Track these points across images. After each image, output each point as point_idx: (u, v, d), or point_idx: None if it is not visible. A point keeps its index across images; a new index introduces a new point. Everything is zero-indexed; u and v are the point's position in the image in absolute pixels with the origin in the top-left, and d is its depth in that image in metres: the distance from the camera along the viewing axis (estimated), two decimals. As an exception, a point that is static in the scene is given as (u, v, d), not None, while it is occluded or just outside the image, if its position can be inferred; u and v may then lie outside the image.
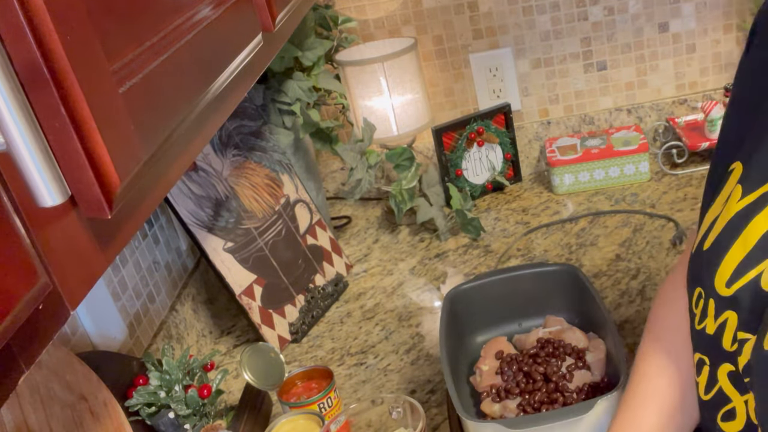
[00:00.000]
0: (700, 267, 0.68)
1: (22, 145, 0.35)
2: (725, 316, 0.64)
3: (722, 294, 0.64)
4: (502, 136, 1.67)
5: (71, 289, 0.42)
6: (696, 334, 0.69)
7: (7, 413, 0.73)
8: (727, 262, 0.64)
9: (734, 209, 0.65)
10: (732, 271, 0.63)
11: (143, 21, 0.50)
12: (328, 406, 1.04)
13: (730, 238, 0.65)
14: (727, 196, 0.67)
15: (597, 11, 1.65)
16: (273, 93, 1.43)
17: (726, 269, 0.64)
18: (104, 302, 1.08)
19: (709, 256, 0.66)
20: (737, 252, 0.63)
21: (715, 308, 0.65)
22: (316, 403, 1.04)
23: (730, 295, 0.63)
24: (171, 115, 0.52)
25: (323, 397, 1.04)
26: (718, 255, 0.65)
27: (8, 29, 0.37)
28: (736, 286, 0.63)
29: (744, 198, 0.65)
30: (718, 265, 0.65)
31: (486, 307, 1.11)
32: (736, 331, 0.63)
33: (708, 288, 0.66)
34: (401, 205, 1.54)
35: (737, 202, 0.65)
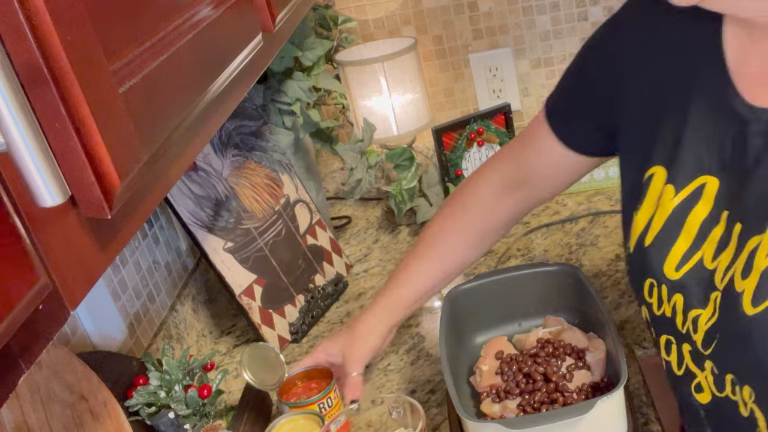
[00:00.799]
0: (645, 262, 0.77)
1: (22, 145, 0.35)
2: (674, 299, 0.74)
3: (672, 279, 0.74)
4: (502, 136, 1.67)
5: (71, 289, 0.42)
6: (657, 320, 0.78)
7: (7, 413, 0.73)
8: (674, 251, 0.73)
9: (670, 206, 0.74)
10: (679, 258, 0.73)
11: (143, 21, 0.50)
12: (328, 406, 1.04)
13: (673, 230, 0.74)
14: (657, 197, 0.76)
15: (597, 11, 1.65)
16: (273, 93, 1.43)
17: (674, 257, 0.73)
18: (104, 302, 1.08)
19: (654, 250, 0.75)
20: (682, 242, 0.73)
21: (667, 293, 0.75)
22: (315, 404, 1.03)
23: (678, 279, 0.73)
24: (171, 115, 0.52)
25: (323, 397, 1.03)
26: (663, 248, 0.74)
27: (8, 29, 0.37)
28: (683, 270, 0.72)
29: (678, 194, 0.74)
30: (665, 256, 0.74)
31: (486, 307, 1.11)
32: (684, 313, 0.73)
33: (659, 276, 0.75)
34: (401, 205, 1.54)
35: (671, 199, 0.74)
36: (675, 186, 0.74)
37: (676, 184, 0.74)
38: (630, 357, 1.12)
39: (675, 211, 0.74)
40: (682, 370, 0.77)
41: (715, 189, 0.71)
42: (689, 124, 0.73)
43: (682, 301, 0.73)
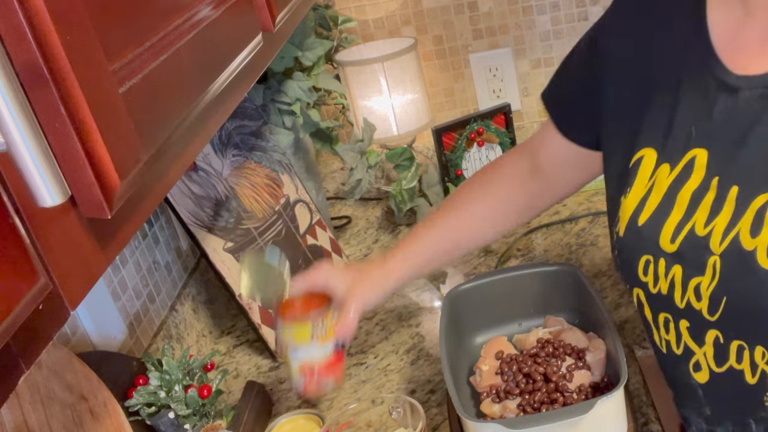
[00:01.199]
0: (639, 240, 0.78)
1: (22, 145, 0.35)
2: (673, 271, 0.75)
3: (669, 251, 0.75)
4: (502, 136, 1.67)
5: (71, 289, 0.42)
6: (654, 298, 0.79)
7: (7, 413, 0.73)
8: (668, 224, 0.75)
9: (666, 183, 0.77)
10: (673, 229, 0.75)
11: (143, 21, 0.50)
12: (321, 330, 0.95)
13: (667, 206, 0.76)
14: (649, 177, 0.78)
15: (597, 11, 1.64)
16: (273, 93, 1.43)
17: (668, 230, 0.75)
18: (104, 302, 1.08)
19: (649, 227, 0.77)
20: (676, 215, 0.75)
21: (665, 267, 0.76)
22: (310, 323, 0.95)
23: (675, 250, 0.75)
24: (171, 115, 0.52)
25: (319, 317, 0.96)
26: (658, 223, 0.76)
27: (8, 29, 0.37)
28: (678, 239, 0.74)
29: (673, 171, 0.76)
30: (660, 229, 0.76)
31: (486, 307, 1.11)
32: (684, 284, 0.74)
33: (655, 250, 0.77)
34: (401, 205, 1.54)
35: (667, 177, 0.77)
36: (670, 164, 0.77)
37: (671, 161, 0.77)
38: (630, 357, 1.12)
39: (669, 187, 0.76)
40: (681, 349, 0.79)
41: (704, 159, 0.74)
42: (680, 103, 0.77)
43: (681, 272, 0.75)
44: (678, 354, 0.80)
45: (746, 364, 0.73)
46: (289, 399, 1.19)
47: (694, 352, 0.78)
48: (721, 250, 0.71)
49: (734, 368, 0.74)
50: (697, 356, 0.77)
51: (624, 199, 0.81)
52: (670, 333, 0.80)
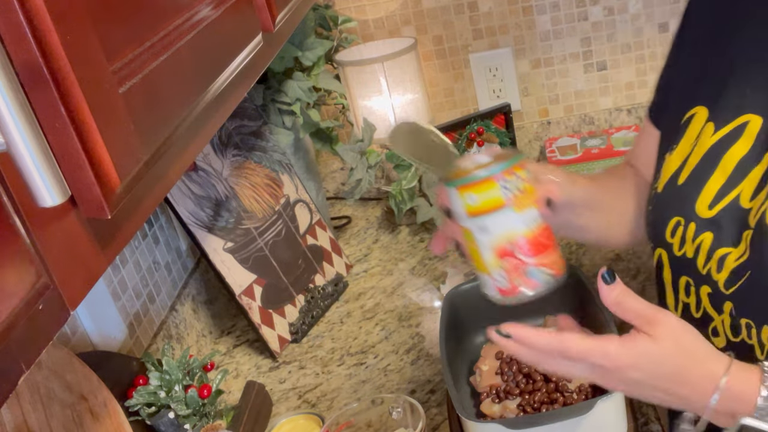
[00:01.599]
0: (676, 199, 0.76)
1: (22, 145, 0.35)
2: (702, 237, 0.74)
3: (703, 216, 0.73)
4: (502, 136, 1.67)
5: (71, 289, 0.42)
6: (677, 260, 0.78)
7: (7, 413, 0.73)
8: (708, 188, 0.73)
9: (708, 143, 0.74)
10: (714, 195, 0.72)
11: (143, 21, 0.50)
12: (515, 188, 0.66)
13: (708, 168, 0.74)
14: (695, 136, 0.76)
15: (597, 11, 1.65)
16: (273, 93, 1.43)
17: (707, 194, 0.73)
18: (104, 302, 1.08)
19: (687, 188, 0.75)
20: (717, 179, 0.73)
21: (695, 231, 0.74)
22: (496, 181, 0.65)
23: (712, 216, 0.73)
24: (171, 115, 0.52)
25: (507, 172, 0.65)
26: (696, 185, 0.74)
27: (8, 29, 0.37)
28: (717, 207, 0.72)
29: (717, 132, 0.74)
30: (699, 192, 0.74)
31: (486, 307, 1.11)
32: (710, 252, 0.73)
33: (689, 213, 0.75)
34: (401, 205, 1.54)
35: (710, 137, 0.74)
36: (715, 123, 0.74)
37: (716, 121, 0.74)
38: (630, 357, 1.12)
39: (712, 148, 0.74)
40: (700, 313, 0.78)
41: (757, 127, 0.71)
42: (736, 65, 0.75)
43: (710, 240, 0.73)
44: (696, 318, 0.79)
45: (755, 341, 0.73)
46: (289, 399, 1.19)
47: (713, 318, 0.77)
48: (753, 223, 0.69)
49: (746, 342, 0.74)
50: (716, 322, 0.77)
51: (669, 155, 0.79)
52: (691, 296, 0.79)
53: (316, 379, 1.22)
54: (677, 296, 0.81)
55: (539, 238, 0.68)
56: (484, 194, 0.66)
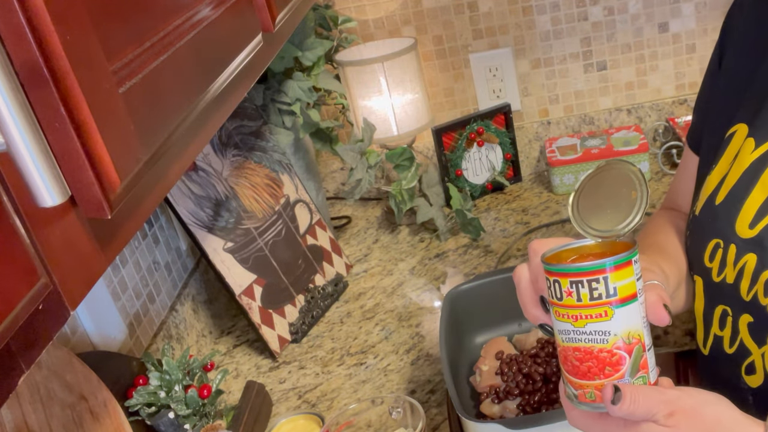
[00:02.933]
0: (714, 220, 0.71)
1: (22, 145, 0.35)
2: (745, 259, 0.68)
3: (744, 237, 0.68)
4: (502, 136, 1.67)
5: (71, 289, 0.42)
6: (715, 287, 0.72)
7: (7, 413, 0.73)
8: (748, 206, 0.68)
9: (748, 160, 0.70)
10: (754, 213, 0.67)
11: (143, 21, 0.50)
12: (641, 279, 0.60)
13: (747, 185, 0.69)
14: (735, 154, 0.72)
15: (597, 11, 1.65)
16: (273, 93, 1.43)
17: (748, 213, 0.68)
18: (104, 302, 1.08)
19: (725, 207, 0.70)
20: (757, 196, 0.68)
21: (736, 253, 0.68)
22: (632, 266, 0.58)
23: (753, 236, 0.67)
24: (171, 115, 0.52)
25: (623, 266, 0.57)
26: (735, 203, 0.69)
27: (8, 29, 0.37)
28: (760, 226, 0.66)
29: (758, 149, 0.70)
30: (738, 211, 0.69)
31: (486, 307, 1.11)
32: (755, 275, 0.66)
33: (728, 235, 0.69)
34: (401, 205, 1.54)
35: (750, 153, 0.70)
36: (756, 139, 0.70)
37: (757, 137, 0.71)
38: (630, 357, 1.12)
39: (752, 165, 0.69)
40: (734, 348, 0.72)
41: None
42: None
43: (755, 262, 0.67)
44: (729, 353, 0.73)
45: None
46: (289, 399, 1.19)
47: (751, 353, 0.71)
48: None
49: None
50: (754, 357, 0.70)
51: (708, 176, 0.75)
52: (726, 328, 0.72)
53: (316, 379, 1.22)
54: (708, 329, 0.75)
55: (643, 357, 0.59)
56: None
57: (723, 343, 0.73)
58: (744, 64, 0.77)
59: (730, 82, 0.79)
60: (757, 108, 0.72)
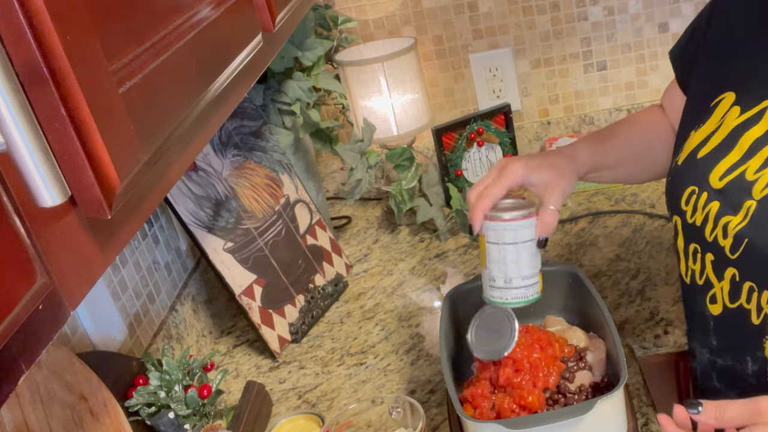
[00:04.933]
0: (693, 171, 0.84)
1: (22, 145, 0.35)
2: (710, 206, 0.81)
3: (715, 186, 0.81)
4: (502, 136, 1.67)
5: (71, 289, 0.42)
6: (689, 227, 0.85)
7: (7, 413, 0.73)
8: (723, 163, 0.80)
9: (732, 124, 0.81)
10: (726, 169, 0.80)
11: (143, 21, 0.50)
12: None
13: (728, 145, 0.81)
14: (721, 116, 0.83)
15: (597, 11, 1.65)
16: (273, 93, 1.43)
17: (721, 168, 0.80)
18: (104, 302, 1.08)
19: (705, 161, 0.82)
20: (734, 155, 0.80)
21: (705, 200, 0.82)
22: None
23: (721, 187, 0.80)
24: (171, 115, 0.52)
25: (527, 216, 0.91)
26: (715, 159, 0.81)
27: (8, 29, 0.37)
28: (726, 179, 0.79)
29: (742, 115, 0.81)
30: (714, 165, 0.81)
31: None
32: (716, 219, 0.80)
33: (702, 184, 0.82)
34: (401, 205, 1.54)
35: (735, 118, 0.81)
36: (741, 107, 0.82)
37: (742, 105, 0.82)
38: (630, 357, 1.12)
39: (734, 129, 0.81)
40: (703, 280, 0.85)
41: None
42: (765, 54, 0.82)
43: (717, 208, 0.80)
44: (699, 284, 0.85)
45: (753, 305, 0.78)
46: (289, 399, 1.19)
47: (713, 285, 0.83)
48: (761, 196, 0.76)
49: (744, 307, 0.80)
50: (715, 289, 0.83)
51: (694, 132, 0.87)
52: (697, 263, 0.85)
53: (316, 379, 1.22)
54: (687, 263, 0.88)
55: None
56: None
57: (696, 276, 0.86)
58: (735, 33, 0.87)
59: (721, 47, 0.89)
60: (746, 79, 0.83)
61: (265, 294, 1.29)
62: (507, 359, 0.94)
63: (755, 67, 0.83)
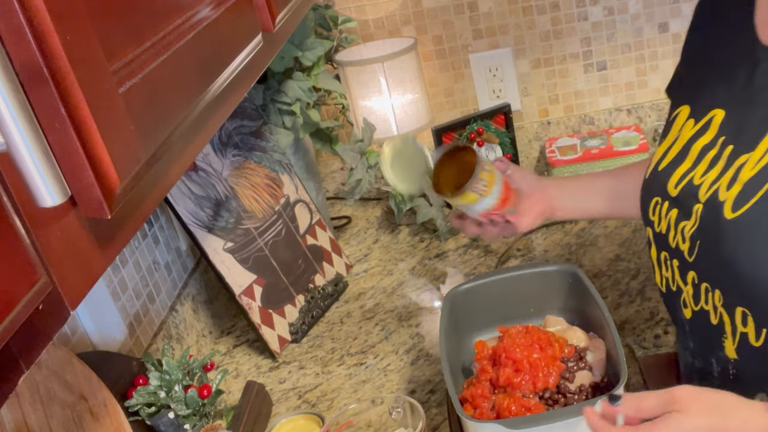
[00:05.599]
0: (656, 182, 0.89)
1: (22, 145, 0.35)
2: (671, 213, 0.86)
3: (672, 195, 0.85)
4: (502, 136, 1.67)
5: (71, 289, 0.42)
6: (658, 236, 0.89)
7: (7, 413, 0.73)
8: (677, 172, 0.85)
9: (687, 135, 0.87)
10: (679, 177, 0.85)
11: (143, 21, 0.50)
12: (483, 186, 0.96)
13: (682, 156, 0.86)
14: (679, 129, 0.89)
15: (597, 11, 1.65)
16: (273, 93, 1.43)
17: (676, 177, 0.85)
18: (104, 302, 1.08)
19: (665, 172, 0.87)
20: (685, 165, 0.85)
21: (667, 208, 0.86)
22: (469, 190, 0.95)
23: (677, 195, 0.85)
24: (171, 115, 0.52)
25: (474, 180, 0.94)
26: (672, 169, 0.87)
27: (8, 29, 0.37)
28: (680, 186, 0.84)
29: (695, 126, 0.86)
30: (671, 175, 0.86)
31: (486, 307, 1.11)
32: (676, 225, 0.84)
33: (663, 194, 0.87)
34: (401, 205, 1.54)
35: (690, 130, 0.87)
36: (695, 119, 0.87)
37: (695, 117, 0.87)
38: (630, 357, 1.12)
39: (689, 140, 0.86)
40: (675, 286, 0.88)
41: (720, 119, 0.83)
42: (715, 68, 0.87)
43: (675, 215, 0.85)
44: (674, 291, 0.89)
45: (711, 306, 0.82)
46: (289, 399, 1.19)
47: (683, 290, 0.87)
48: (705, 198, 0.80)
49: (704, 308, 0.83)
50: (684, 294, 0.86)
51: (659, 147, 0.92)
52: (668, 271, 0.89)
53: (316, 379, 1.22)
54: (660, 271, 0.91)
55: (503, 197, 0.99)
56: (465, 197, 0.97)
57: (669, 283, 0.89)
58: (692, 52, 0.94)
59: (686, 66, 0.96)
60: (697, 94, 0.88)
61: (265, 294, 1.29)
62: (507, 359, 0.94)
63: (704, 79, 0.88)
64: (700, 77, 0.89)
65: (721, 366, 0.85)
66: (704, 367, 0.88)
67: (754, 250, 0.75)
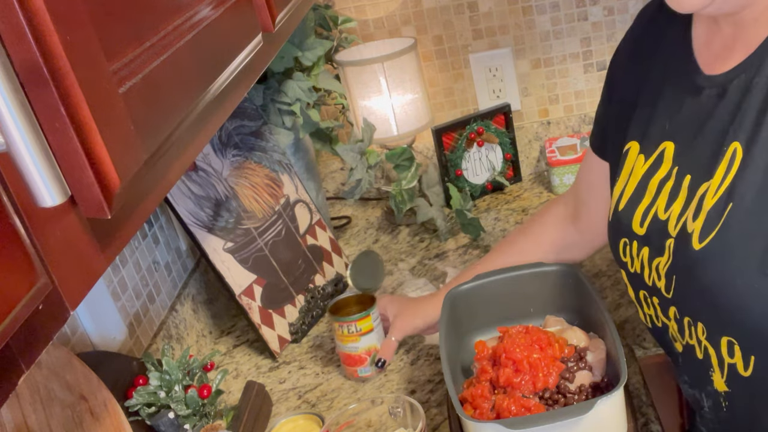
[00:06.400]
0: (619, 223, 0.89)
1: (22, 145, 0.35)
2: (642, 252, 0.85)
3: (639, 234, 0.85)
4: (502, 136, 1.67)
5: (71, 289, 0.42)
6: (632, 276, 0.89)
7: (7, 413, 0.73)
8: (639, 210, 0.85)
9: (640, 172, 0.87)
10: (641, 214, 0.85)
11: (143, 21, 0.50)
12: (360, 327, 1.16)
13: (639, 194, 0.86)
14: (631, 167, 0.89)
15: (597, 11, 1.65)
16: (273, 93, 1.43)
17: (638, 215, 0.85)
18: (104, 302, 1.08)
19: (626, 212, 0.87)
20: (645, 201, 0.85)
21: (637, 248, 0.86)
22: (357, 321, 1.16)
23: (643, 233, 0.84)
24: (171, 115, 0.52)
25: (364, 317, 1.16)
26: (632, 209, 0.86)
27: (8, 29, 0.37)
28: (646, 223, 0.84)
29: (646, 162, 0.86)
30: (633, 214, 0.86)
31: (486, 307, 1.11)
32: (650, 264, 0.84)
33: (629, 234, 0.87)
34: (401, 205, 1.54)
35: (642, 166, 0.87)
36: (645, 155, 0.87)
37: (645, 153, 0.87)
38: (630, 357, 1.12)
39: (643, 176, 0.86)
40: (660, 322, 0.87)
41: (672, 151, 0.83)
42: (659, 101, 0.87)
43: (648, 253, 0.84)
44: (659, 326, 0.88)
45: (695, 340, 0.81)
46: (289, 399, 1.19)
47: (668, 325, 0.86)
48: (675, 232, 0.80)
49: (689, 343, 0.82)
50: (670, 329, 0.86)
51: (614, 186, 0.92)
52: (651, 308, 0.88)
53: (316, 379, 1.22)
54: (642, 309, 0.90)
55: None
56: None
57: (654, 320, 0.89)
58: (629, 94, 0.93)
59: (621, 109, 0.94)
60: (645, 129, 0.88)
61: (265, 294, 1.29)
62: (507, 359, 0.94)
63: (650, 114, 0.88)
64: (643, 113, 0.89)
65: (711, 400, 0.84)
66: (698, 401, 0.88)
67: (727, 277, 0.74)
